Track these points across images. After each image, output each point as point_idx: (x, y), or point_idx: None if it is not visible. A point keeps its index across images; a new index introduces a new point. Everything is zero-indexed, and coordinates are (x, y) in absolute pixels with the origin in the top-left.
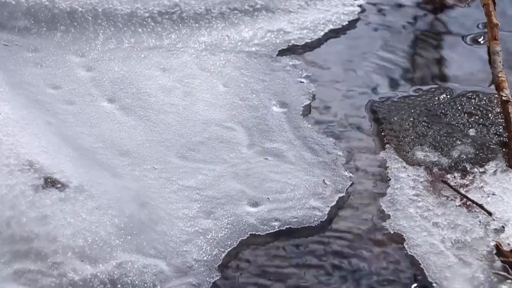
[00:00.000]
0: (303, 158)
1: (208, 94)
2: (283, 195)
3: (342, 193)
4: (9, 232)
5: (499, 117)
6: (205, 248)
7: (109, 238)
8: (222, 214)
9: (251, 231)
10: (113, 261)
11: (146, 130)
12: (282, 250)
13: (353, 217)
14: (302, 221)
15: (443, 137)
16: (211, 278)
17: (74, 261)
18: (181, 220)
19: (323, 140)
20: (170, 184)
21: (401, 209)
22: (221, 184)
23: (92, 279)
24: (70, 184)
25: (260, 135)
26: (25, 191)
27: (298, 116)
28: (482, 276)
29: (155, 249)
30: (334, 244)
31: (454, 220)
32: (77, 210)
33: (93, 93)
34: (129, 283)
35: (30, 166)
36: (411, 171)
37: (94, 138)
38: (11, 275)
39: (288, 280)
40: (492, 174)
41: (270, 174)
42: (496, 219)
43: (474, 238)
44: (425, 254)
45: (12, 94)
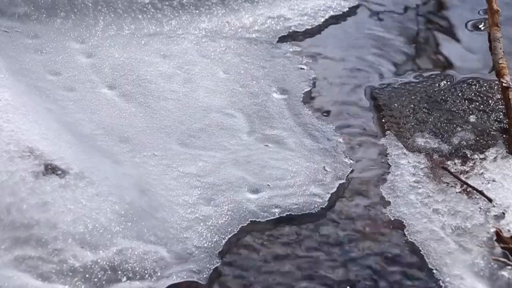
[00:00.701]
0: (303, 144)
1: (208, 81)
2: (284, 181)
3: (342, 179)
4: (10, 219)
5: (500, 104)
6: (205, 234)
7: (109, 224)
8: (222, 200)
9: (251, 217)
10: (114, 247)
11: (146, 116)
12: (283, 236)
13: (353, 204)
14: (303, 208)
15: (444, 123)
16: (211, 264)
17: (75, 247)
18: (182, 207)
19: (324, 127)
20: (171, 170)
21: (401, 196)
22: (222, 171)
23: (92, 266)
24: (71, 170)
25: (260, 122)
26: (26, 177)
27: (299, 102)
28: (482, 262)
29: (155, 236)
30: (334, 230)
31: (454, 206)
32: (77, 196)
33: (93, 79)
34: (129, 270)
35: (30, 152)
36: (412, 158)
37: (94, 125)
38: (11, 262)
39: (289, 266)
40: (492, 161)
41: (271, 160)
42: (496, 205)
43: (474, 224)
44: (425, 241)
45: (12, 80)
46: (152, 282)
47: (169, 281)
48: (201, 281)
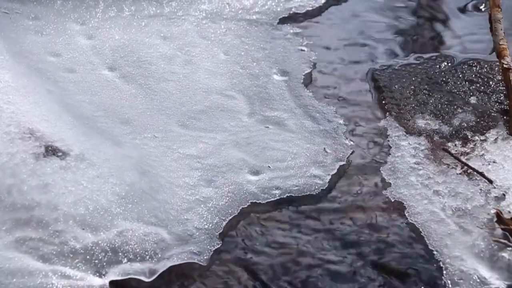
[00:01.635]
0: (304, 126)
1: (208, 63)
2: (284, 163)
3: (343, 161)
4: (10, 200)
5: (500, 85)
6: (206, 216)
7: (110, 206)
8: (223, 182)
9: (252, 199)
10: (114, 229)
11: (146, 98)
12: (283, 218)
13: (353, 185)
14: (303, 189)
15: (444, 105)
16: (212, 246)
17: (75, 229)
18: (182, 189)
19: (324, 109)
20: (171, 152)
21: (401, 177)
22: (222, 153)
23: (93, 247)
24: (71, 152)
25: (261, 104)
26: (26, 159)
27: (299, 84)
28: (483, 243)
29: (156, 218)
30: (334, 212)
31: (455, 188)
32: (78, 178)
33: (93, 61)
34: (130, 251)
35: (31, 134)
36: (412, 139)
37: (95, 107)
38: (12, 243)
39: (289, 247)
40: (493, 142)
41: (271, 142)
42: (497, 187)
43: (475, 206)
44: (425, 222)
45: (12, 62)
46: (153, 263)
47: (169, 263)
48: (202, 263)
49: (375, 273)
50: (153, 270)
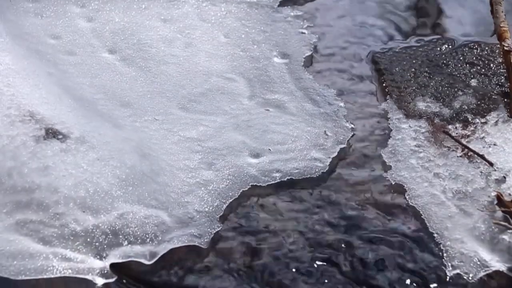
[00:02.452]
0: (304, 109)
1: (209, 45)
2: (285, 146)
3: (343, 144)
4: (11, 183)
5: (501, 67)
6: (206, 199)
7: (110, 189)
8: (223, 165)
9: (252, 182)
10: (115, 212)
11: (147, 81)
12: (283, 201)
13: (354, 168)
14: (303, 172)
15: (445, 87)
16: (212, 229)
17: (76, 211)
18: (183, 171)
19: (325, 91)
20: (171, 135)
21: (402, 160)
22: (222, 135)
23: (93, 230)
24: (71, 135)
25: (261, 86)
26: (26, 141)
27: (300, 67)
28: (483, 226)
29: (156, 200)
30: (335, 195)
31: (455, 170)
32: (78, 161)
33: (93, 43)
34: (130, 234)
35: (31, 116)
36: (413, 122)
37: (95, 89)
38: (13, 225)
39: (290, 230)
40: (493, 125)
41: (271, 125)
42: (497, 169)
43: (475, 188)
44: (426, 205)
45: (12, 44)
46: (153, 246)
47: (170, 245)
48: (202, 245)
49: (374, 255)
50: (154, 253)
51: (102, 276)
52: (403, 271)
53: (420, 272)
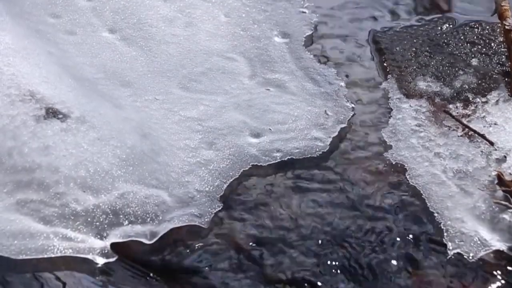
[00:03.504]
0: (305, 88)
1: (209, 25)
2: (285, 126)
3: (344, 123)
4: (11, 163)
5: (502, 47)
6: (207, 178)
7: (111, 168)
8: (224, 145)
9: (253, 162)
10: (115, 191)
11: (147, 60)
12: (284, 180)
13: (354, 148)
14: (304, 152)
15: (446, 67)
16: (213, 208)
17: (76, 191)
18: (183, 151)
19: (325, 71)
20: (172, 114)
21: (403, 140)
22: (223, 115)
23: (94, 210)
24: (72, 114)
25: (261, 66)
26: (27, 121)
27: (300, 46)
28: (484, 205)
29: (157, 180)
30: (335, 174)
31: (456, 150)
32: (78, 140)
33: (94, 23)
34: (131, 214)
35: (31, 96)
36: (413, 102)
37: (95, 69)
38: (13, 205)
39: (291, 209)
40: (494, 104)
41: (272, 105)
42: (498, 148)
43: (476, 168)
44: (426, 184)
45: (12, 24)
46: (154, 226)
47: (170, 225)
48: (203, 225)
49: (375, 234)
50: (154, 233)
51: (102, 256)
52: (403, 251)
53: (421, 252)
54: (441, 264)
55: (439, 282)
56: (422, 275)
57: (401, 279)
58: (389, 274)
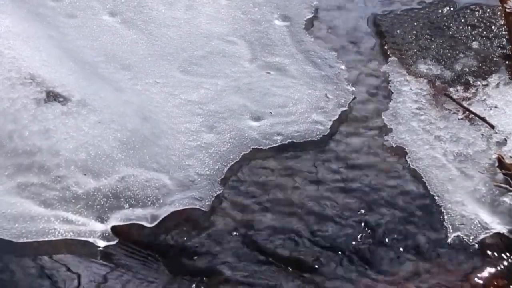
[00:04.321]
0: (305, 72)
1: (210, 8)
2: (286, 109)
3: (344, 107)
4: (12, 146)
5: (503, 30)
6: (207, 162)
7: (111, 152)
8: (224, 128)
9: (253, 145)
10: (116, 175)
11: (147, 44)
12: (285, 163)
13: (355, 131)
14: (305, 135)
15: (446, 50)
16: (213, 192)
17: (77, 174)
18: (184, 135)
19: (326, 54)
20: (173, 98)
21: (403, 123)
22: (224, 99)
23: (95, 193)
24: (72, 98)
25: (262, 49)
26: (27, 104)
27: (301, 29)
28: (484, 188)
29: (157, 163)
30: (335, 157)
31: (457, 133)
32: (79, 124)
33: (94, 6)
34: (132, 197)
35: (32, 79)
36: (414, 85)
37: (96, 52)
38: (14, 188)
39: (291, 192)
40: (495, 87)
41: (272, 88)
42: (499, 132)
43: (476, 151)
44: (427, 167)
45: (12, 7)
46: (155, 209)
47: (171, 208)
48: (203, 208)
49: (375, 218)
50: (155, 216)
51: (103, 239)
52: (403, 233)
53: (421, 235)
54: (441, 247)
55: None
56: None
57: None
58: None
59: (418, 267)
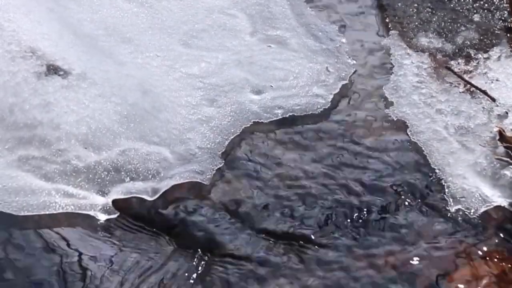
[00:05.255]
0: (306, 45)
1: None
2: (286, 82)
3: (345, 80)
4: (12, 119)
5: (504, 2)
6: (208, 135)
7: (112, 125)
8: (225, 102)
9: (254, 118)
10: (117, 148)
11: (148, 17)
12: (285, 137)
13: (356, 105)
14: (305, 109)
15: (447, 23)
16: (214, 165)
17: (78, 148)
18: (184, 108)
19: (327, 27)
20: (173, 71)
21: (404, 96)
22: (224, 72)
23: (95, 166)
24: (73, 71)
25: (263, 22)
26: (28, 78)
27: (301, 2)
28: (485, 161)
29: (158, 137)
30: (336, 131)
31: (458, 106)
32: (80, 97)
33: None
34: (132, 171)
35: (32, 53)
36: (415, 58)
37: (96, 25)
38: (15, 162)
39: (292, 166)
40: (496, 60)
41: (273, 61)
42: (500, 105)
43: (477, 124)
44: (428, 141)
45: None
46: (155, 182)
47: (172, 182)
48: (204, 182)
49: (376, 192)
50: (156, 189)
51: (104, 212)
52: (403, 207)
53: (422, 208)
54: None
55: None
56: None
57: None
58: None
59: (418, 241)
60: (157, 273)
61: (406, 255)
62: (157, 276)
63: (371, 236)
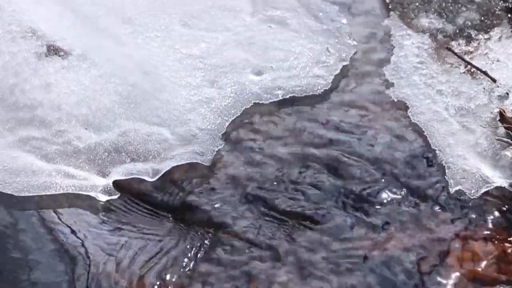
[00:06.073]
0: (306, 25)
1: None
2: (287, 63)
3: (346, 61)
4: (13, 100)
5: None
6: (208, 116)
7: (112, 106)
8: (225, 82)
9: (254, 99)
10: (117, 129)
11: None
12: (286, 118)
13: (356, 85)
14: (306, 90)
15: (448, 3)
16: (214, 146)
17: (78, 129)
18: (185, 89)
19: (327, 7)
20: (173, 52)
21: (405, 77)
22: (225, 53)
23: (96, 147)
24: (73, 52)
25: (263, 3)
26: (28, 58)
27: None
28: (485, 142)
29: (158, 118)
30: (337, 112)
31: (458, 87)
32: (80, 78)
33: None
34: (133, 151)
35: (32, 33)
36: (416, 38)
37: (96, 6)
38: (15, 142)
39: (293, 147)
40: (497, 41)
41: (274, 42)
42: (500, 85)
43: (478, 105)
44: (428, 122)
45: None
46: (156, 163)
47: (172, 163)
48: (204, 163)
49: (375, 172)
50: (156, 170)
51: (105, 193)
52: (405, 187)
53: (423, 189)
54: (443, 201)
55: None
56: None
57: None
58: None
59: (419, 221)
60: (158, 254)
61: (404, 235)
62: (158, 257)
63: (369, 214)
